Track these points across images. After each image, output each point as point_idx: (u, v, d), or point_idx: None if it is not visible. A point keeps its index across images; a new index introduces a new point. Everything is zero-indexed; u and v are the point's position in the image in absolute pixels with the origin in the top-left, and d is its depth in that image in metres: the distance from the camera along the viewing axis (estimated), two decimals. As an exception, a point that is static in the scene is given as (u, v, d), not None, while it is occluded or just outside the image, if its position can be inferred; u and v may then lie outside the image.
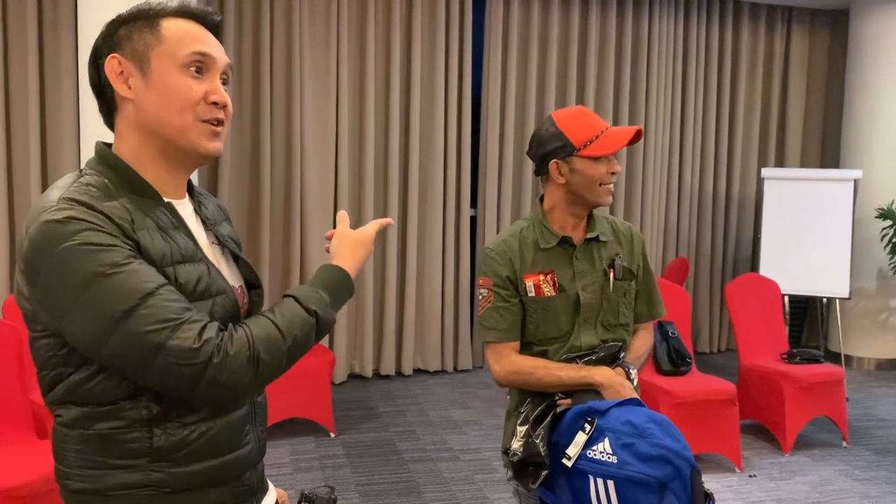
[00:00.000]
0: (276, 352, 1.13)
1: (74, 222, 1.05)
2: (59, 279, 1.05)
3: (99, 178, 1.15)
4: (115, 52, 1.16)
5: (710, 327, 7.09)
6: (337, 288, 1.26)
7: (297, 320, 1.17)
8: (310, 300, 1.20)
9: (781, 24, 7.03)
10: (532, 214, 2.01)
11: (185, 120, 1.17)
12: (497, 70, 6.06)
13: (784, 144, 7.18)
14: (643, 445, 1.57)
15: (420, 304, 6.01)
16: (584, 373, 1.81)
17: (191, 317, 1.07)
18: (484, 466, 4.14)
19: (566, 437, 1.67)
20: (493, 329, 1.91)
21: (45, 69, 4.98)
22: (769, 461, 4.30)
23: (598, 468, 1.60)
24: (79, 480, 1.14)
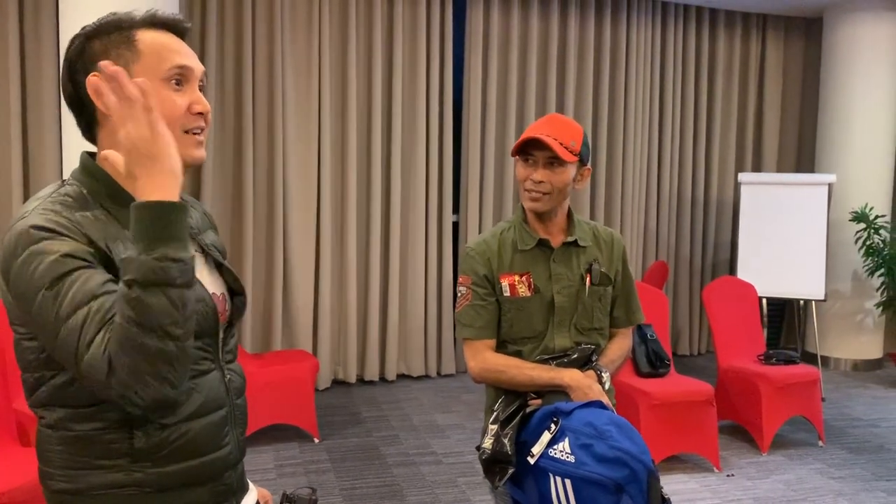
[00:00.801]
0: (131, 341, 1.02)
1: (40, 231, 1.09)
2: (23, 285, 1.09)
3: (78, 188, 1.19)
4: (93, 70, 1.18)
5: (690, 330, 7.18)
6: (138, 223, 1.03)
7: (124, 300, 1.02)
8: (125, 271, 1.03)
9: (756, 32, 7.15)
10: (514, 216, 2.07)
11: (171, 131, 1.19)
12: (478, 76, 6.13)
13: (761, 150, 7.29)
14: (601, 447, 1.61)
15: (403, 309, 6.05)
16: (555, 374, 1.86)
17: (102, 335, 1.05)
18: (466, 469, 4.18)
19: (534, 437, 1.72)
20: (470, 326, 1.97)
21: (26, 80, 4.97)
22: (747, 461, 4.37)
23: (557, 467, 1.64)
24: (62, 480, 1.17)
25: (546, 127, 1.93)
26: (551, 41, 6.33)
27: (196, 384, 1.22)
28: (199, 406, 1.22)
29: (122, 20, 1.21)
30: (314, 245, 5.72)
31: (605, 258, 2.04)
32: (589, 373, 1.88)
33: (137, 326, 1.01)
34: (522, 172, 1.97)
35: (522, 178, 1.96)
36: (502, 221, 2.09)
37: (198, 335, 1.22)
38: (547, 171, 1.93)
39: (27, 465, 2.86)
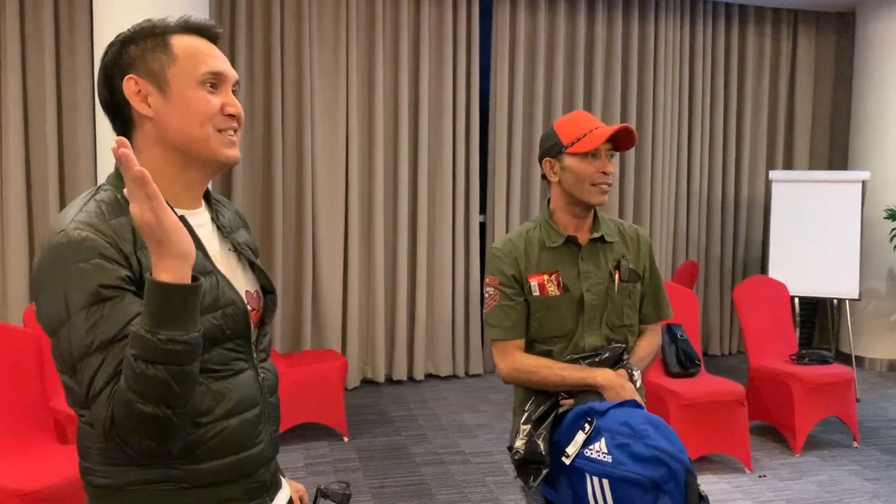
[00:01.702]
0: (131, 409, 1.06)
1: (76, 250, 1.11)
2: (46, 307, 1.13)
3: (113, 192, 1.21)
4: (129, 73, 1.22)
5: (721, 330, 7.10)
6: (150, 302, 1.06)
7: (129, 371, 1.06)
8: (132, 344, 1.06)
9: (787, 27, 7.06)
10: (539, 215, 2.07)
11: (205, 131, 1.23)
12: (504, 77, 6.13)
13: (792, 147, 7.19)
14: (638, 446, 1.61)
15: (431, 309, 6.07)
16: (586, 374, 1.86)
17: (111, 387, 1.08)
18: (495, 469, 4.18)
19: (567, 437, 1.72)
20: (498, 327, 1.97)
21: (61, 86, 5.08)
22: (779, 462, 4.32)
23: (594, 467, 1.64)
24: (102, 476, 1.20)
25: (601, 124, 1.96)
26: (578, 40, 6.31)
27: (230, 384, 1.24)
28: (234, 404, 1.24)
29: (156, 26, 1.24)
30: (342, 245, 5.76)
31: (632, 254, 2.04)
32: (621, 372, 1.88)
33: (136, 395, 1.06)
34: (589, 167, 1.92)
35: (589, 173, 1.92)
36: (527, 221, 2.09)
37: (230, 337, 1.25)
38: (611, 164, 1.96)
39: (64, 463, 2.92)
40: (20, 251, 4.98)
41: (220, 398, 1.23)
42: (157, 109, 1.22)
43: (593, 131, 1.92)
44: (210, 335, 1.20)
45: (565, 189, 1.97)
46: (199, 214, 1.31)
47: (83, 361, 1.10)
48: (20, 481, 2.73)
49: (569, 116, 2.02)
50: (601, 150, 1.93)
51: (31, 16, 5.00)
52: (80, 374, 1.10)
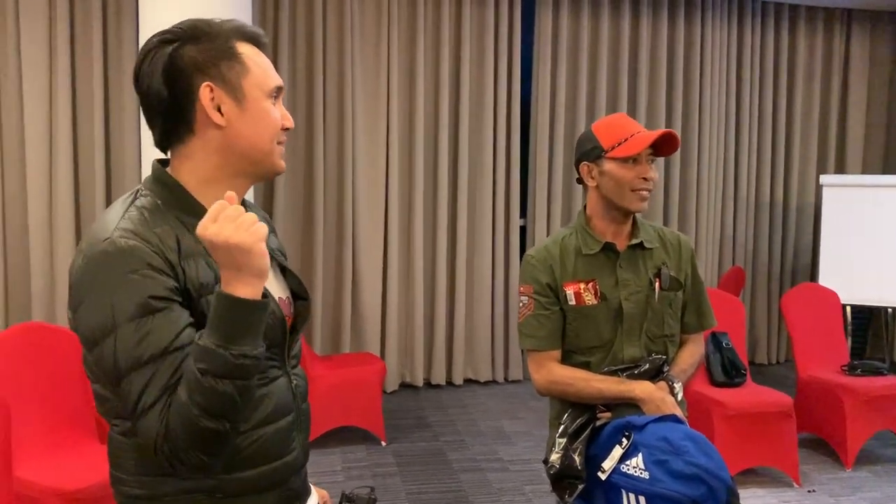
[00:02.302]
0: (191, 424, 1.07)
1: (123, 259, 1.09)
2: (91, 316, 1.11)
3: (152, 198, 1.20)
4: (204, 79, 1.18)
5: (769, 338, 6.92)
6: (217, 317, 1.07)
7: (193, 384, 1.06)
8: (197, 356, 1.07)
9: (840, 27, 6.85)
10: (575, 222, 2.01)
11: (269, 145, 1.24)
12: (546, 79, 6.06)
13: (844, 150, 6.98)
14: (677, 463, 1.55)
15: (470, 314, 6.02)
16: (625, 387, 1.80)
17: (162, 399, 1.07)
18: (534, 477, 4.12)
19: (604, 451, 1.67)
20: (532, 337, 1.92)
21: (109, 90, 5.18)
22: (829, 476, 4.17)
23: (630, 483, 1.59)
24: (135, 486, 1.19)
25: (641, 128, 1.90)
26: (622, 42, 6.21)
27: (266, 392, 1.23)
28: (269, 412, 1.23)
29: (211, 27, 1.22)
30: (382, 249, 5.76)
31: (673, 261, 1.97)
32: (661, 384, 1.81)
33: (202, 410, 1.06)
34: (629, 173, 1.86)
35: (630, 179, 1.86)
36: (562, 228, 2.04)
37: (267, 346, 1.22)
38: (652, 170, 1.89)
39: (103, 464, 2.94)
40: (68, 253, 5.08)
41: (258, 406, 1.22)
42: (230, 119, 1.21)
43: (635, 135, 1.86)
44: None
45: (603, 194, 1.91)
46: None
47: (131, 374, 1.08)
48: (62, 481, 2.76)
49: (608, 119, 1.96)
50: (642, 156, 1.87)
51: (81, 20, 5.10)
52: (127, 386, 1.08)
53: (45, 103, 5.05)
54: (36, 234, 5.05)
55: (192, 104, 1.19)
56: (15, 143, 5.06)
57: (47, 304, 5.10)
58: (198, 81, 1.19)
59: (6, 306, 5.09)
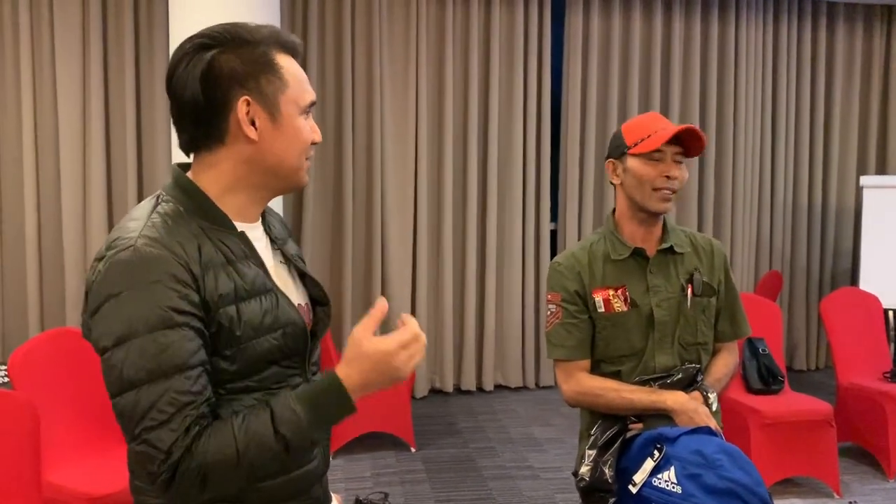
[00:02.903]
0: (229, 475, 1.09)
1: (147, 268, 1.07)
2: (108, 322, 1.08)
3: (174, 205, 1.18)
4: (242, 92, 1.16)
5: (807, 344, 6.75)
6: (325, 407, 1.12)
7: (258, 443, 1.08)
8: (282, 421, 1.09)
9: (881, 24, 6.67)
10: (603, 227, 1.96)
11: (298, 161, 1.23)
12: (577, 80, 5.99)
13: (885, 151, 6.79)
14: (711, 477, 1.49)
15: (500, 319, 5.97)
16: (656, 397, 1.74)
17: (184, 415, 1.06)
18: (565, 486, 4.05)
19: (635, 464, 1.62)
20: (561, 346, 1.87)
21: (140, 92, 5.24)
22: (871, 487, 4.04)
23: (662, 497, 1.54)
24: (155, 497, 1.16)
25: (669, 123, 1.84)
26: (654, 41, 6.12)
27: None
28: None
29: (250, 33, 1.19)
30: (411, 254, 5.73)
31: (705, 267, 1.90)
32: (695, 394, 1.75)
33: (248, 467, 1.08)
34: (651, 171, 1.80)
35: (651, 177, 1.80)
36: (591, 234, 1.98)
37: (288, 355, 1.22)
38: (676, 169, 1.81)
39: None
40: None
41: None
42: (263, 134, 1.18)
43: (658, 131, 1.80)
44: (268, 355, 1.18)
45: (627, 194, 1.86)
46: (256, 228, 1.28)
47: (141, 387, 1.06)
48: (92, 485, 2.78)
49: (639, 117, 1.91)
50: (666, 154, 1.80)
51: (114, 24, 5.18)
52: (133, 397, 1.06)
53: (79, 109, 5.15)
54: (69, 239, 5.13)
55: (226, 115, 1.17)
56: (50, 149, 5.15)
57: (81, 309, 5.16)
58: (236, 93, 1.16)
59: (41, 311, 5.16)
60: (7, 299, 5.19)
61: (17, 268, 5.15)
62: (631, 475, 1.61)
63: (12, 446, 2.40)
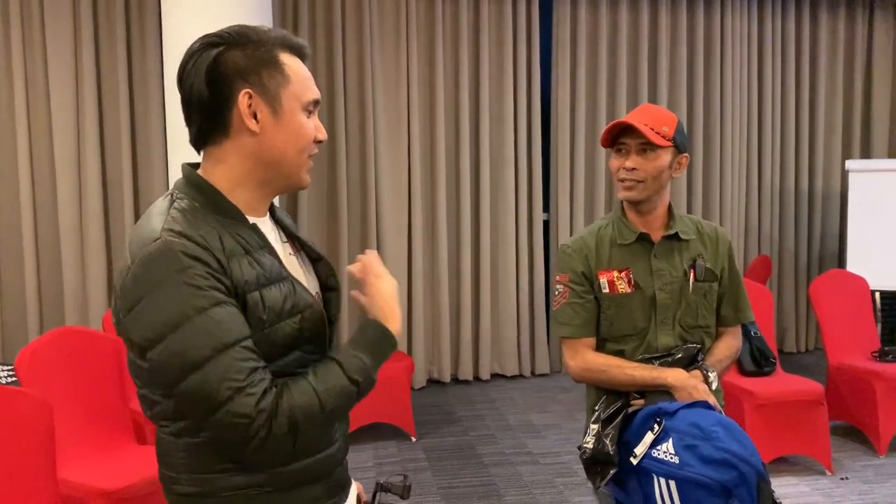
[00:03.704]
0: (316, 422, 1.18)
1: (178, 258, 1.11)
2: (153, 314, 1.11)
3: (189, 201, 1.22)
4: (245, 85, 1.21)
5: (797, 326, 6.87)
6: (380, 349, 1.28)
7: (338, 389, 1.20)
8: (352, 368, 1.22)
9: (863, 12, 6.77)
10: (612, 213, 2.04)
11: (302, 158, 1.27)
12: (566, 71, 6.05)
13: (869, 135, 6.90)
14: (707, 448, 1.56)
15: (496, 309, 6.04)
16: (658, 374, 1.82)
17: (254, 380, 1.11)
18: (564, 470, 4.14)
19: (636, 437, 1.69)
20: (568, 325, 1.94)
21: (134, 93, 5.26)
22: (862, 464, 4.14)
23: (660, 467, 1.61)
24: (187, 484, 1.21)
25: (636, 114, 1.92)
26: (641, 33, 6.19)
27: None
28: None
29: (257, 34, 1.24)
30: (406, 246, 5.79)
31: (709, 254, 1.98)
32: (694, 372, 1.82)
33: (332, 411, 1.19)
34: (615, 163, 1.95)
35: (615, 168, 1.94)
36: (600, 219, 2.06)
37: (309, 340, 1.26)
38: (639, 159, 1.89)
39: (144, 463, 3.01)
40: (99, 257, 5.17)
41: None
42: (265, 127, 1.23)
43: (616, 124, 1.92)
44: (290, 340, 1.23)
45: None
46: (266, 222, 1.33)
47: (206, 365, 1.09)
48: (104, 481, 2.82)
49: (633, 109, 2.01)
50: (630, 146, 1.90)
51: (105, 26, 5.19)
52: (200, 377, 1.09)
53: (73, 109, 5.16)
54: (67, 240, 5.15)
55: (229, 108, 1.22)
56: (44, 151, 5.16)
57: (80, 308, 5.19)
58: (238, 87, 1.21)
59: (40, 312, 5.19)
60: (5, 299, 5.21)
61: (15, 269, 5.17)
62: (632, 448, 1.68)
63: (29, 443, 2.44)
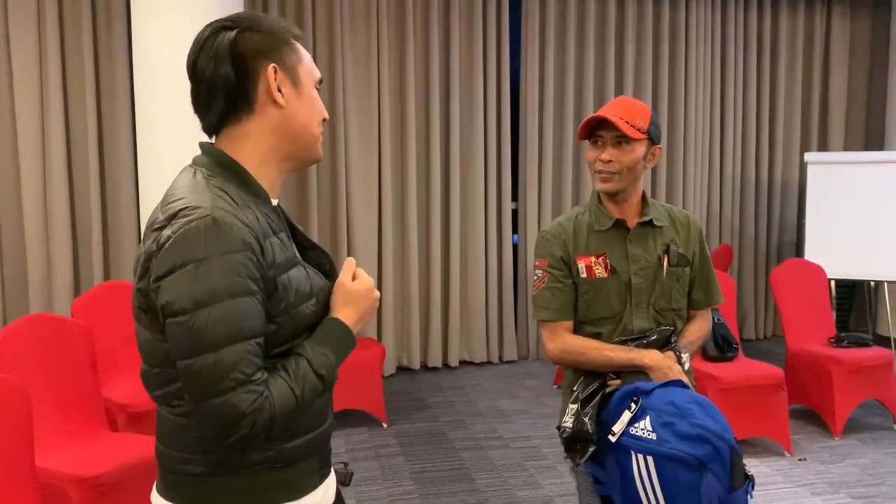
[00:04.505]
0: (290, 417, 1.21)
1: (227, 237, 1.13)
2: (189, 284, 1.12)
3: (226, 182, 1.24)
4: (271, 61, 1.26)
5: (756, 314, 7.06)
6: (342, 347, 1.31)
7: (309, 385, 1.23)
8: (319, 364, 1.25)
9: (821, 7, 6.95)
10: (589, 201, 2.10)
11: (318, 130, 1.34)
12: (535, 62, 6.12)
13: (827, 128, 7.10)
14: (683, 425, 1.64)
15: (464, 297, 6.11)
16: (634, 355, 1.89)
17: (259, 378, 1.15)
18: (534, 454, 4.22)
19: (614, 416, 1.76)
20: (546, 308, 2.00)
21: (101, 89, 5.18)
22: (819, 445, 4.31)
23: (638, 444, 1.68)
24: (200, 464, 1.24)
25: (612, 107, 1.98)
26: (609, 24, 6.27)
27: None
28: None
29: (267, 21, 1.30)
30: (376, 235, 5.82)
31: (682, 239, 2.06)
32: (668, 353, 1.90)
33: (304, 406, 1.22)
34: (591, 155, 2.00)
35: (592, 160, 2.00)
36: (577, 206, 2.13)
37: (320, 320, 1.31)
38: (615, 151, 1.96)
39: (117, 450, 3.01)
40: (64, 245, 5.10)
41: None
42: (289, 101, 1.29)
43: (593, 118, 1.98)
44: (308, 321, 1.27)
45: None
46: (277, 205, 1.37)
47: (223, 348, 1.11)
48: (79, 468, 2.81)
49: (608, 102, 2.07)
50: (606, 138, 1.96)
51: (71, 24, 5.10)
52: (213, 358, 1.11)
53: (37, 96, 5.08)
54: (31, 230, 5.07)
55: (255, 84, 1.26)
56: (7, 140, 5.06)
57: (45, 298, 5.12)
58: (262, 63, 1.26)
59: (3, 301, 5.10)
60: (-33, 288, 5.12)
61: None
62: (610, 426, 1.75)
63: (7, 430, 2.43)
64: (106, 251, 5.26)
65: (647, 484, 1.67)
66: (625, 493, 1.73)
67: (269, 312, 1.20)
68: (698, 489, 1.61)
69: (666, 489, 1.64)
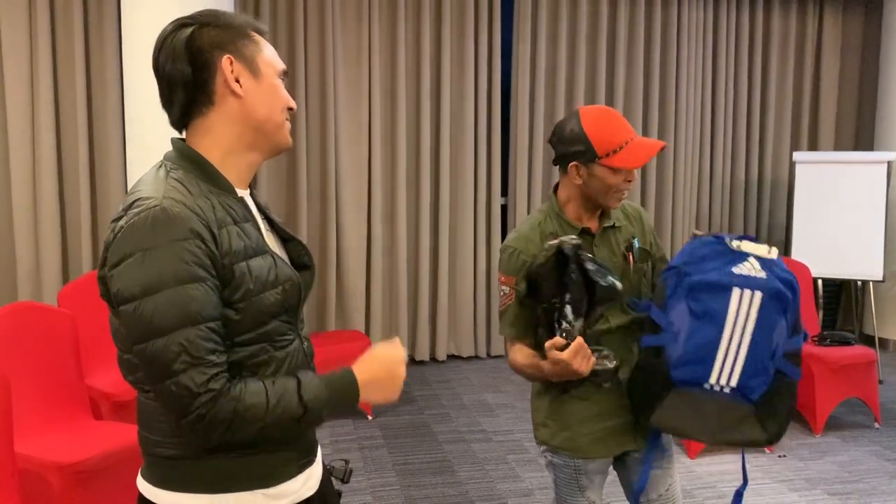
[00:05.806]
0: (253, 425, 1.22)
1: (174, 226, 1.17)
2: (137, 272, 1.17)
3: (185, 172, 1.28)
4: (225, 53, 1.28)
5: (743, 312, 7.08)
6: (341, 394, 1.30)
7: (285, 405, 1.23)
8: (308, 391, 1.26)
9: (813, 7, 6.97)
10: (547, 206, 2.05)
11: (281, 118, 1.35)
12: (526, 59, 6.13)
13: (817, 128, 7.13)
14: (778, 270, 1.79)
15: (453, 291, 6.13)
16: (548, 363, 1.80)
17: (210, 360, 1.18)
18: (516, 447, 4.26)
19: (697, 260, 1.85)
20: (511, 327, 2.00)
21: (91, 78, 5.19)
22: (799, 442, 4.34)
23: (746, 280, 1.75)
24: (172, 448, 1.27)
25: (632, 130, 1.92)
26: (601, 22, 6.28)
27: (287, 352, 1.34)
28: (291, 370, 1.33)
29: (227, 16, 1.32)
30: (366, 228, 5.84)
31: (638, 233, 2.08)
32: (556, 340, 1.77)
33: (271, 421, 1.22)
34: (618, 178, 1.90)
35: (618, 182, 1.90)
36: (535, 213, 2.06)
37: (286, 310, 1.33)
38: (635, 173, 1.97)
39: (100, 438, 3.03)
40: (53, 235, 5.11)
41: (282, 365, 1.32)
42: (247, 90, 1.31)
43: (630, 143, 1.88)
44: (272, 309, 1.29)
45: (585, 192, 1.95)
46: (248, 196, 1.39)
47: (171, 334, 1.15)
48: (60, 455, 2.84)
49: (599, 116, 1.91)
50: None
51: (62, 23, 5.10)
52: (161, 344, 1.15)
53: (27, 86, 5.07)
54: (20, 219, 5.09)
55: (212, 77, 1.29)
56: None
57: (34, 287, 5.13)
58: (218, 55, 1.29)
59: (-8, 288, 5.12)
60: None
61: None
62: (692, 272, 1.83)
63: (-14, 416, 2.45)
64: (95, 241, 5.28)
65: (740, 321, 1.74)
66: (693, 336, 1.77)
67: (227, 299, 1.23)
68: (774, 331, 1.74)
69: (758, 327, 1.73)
